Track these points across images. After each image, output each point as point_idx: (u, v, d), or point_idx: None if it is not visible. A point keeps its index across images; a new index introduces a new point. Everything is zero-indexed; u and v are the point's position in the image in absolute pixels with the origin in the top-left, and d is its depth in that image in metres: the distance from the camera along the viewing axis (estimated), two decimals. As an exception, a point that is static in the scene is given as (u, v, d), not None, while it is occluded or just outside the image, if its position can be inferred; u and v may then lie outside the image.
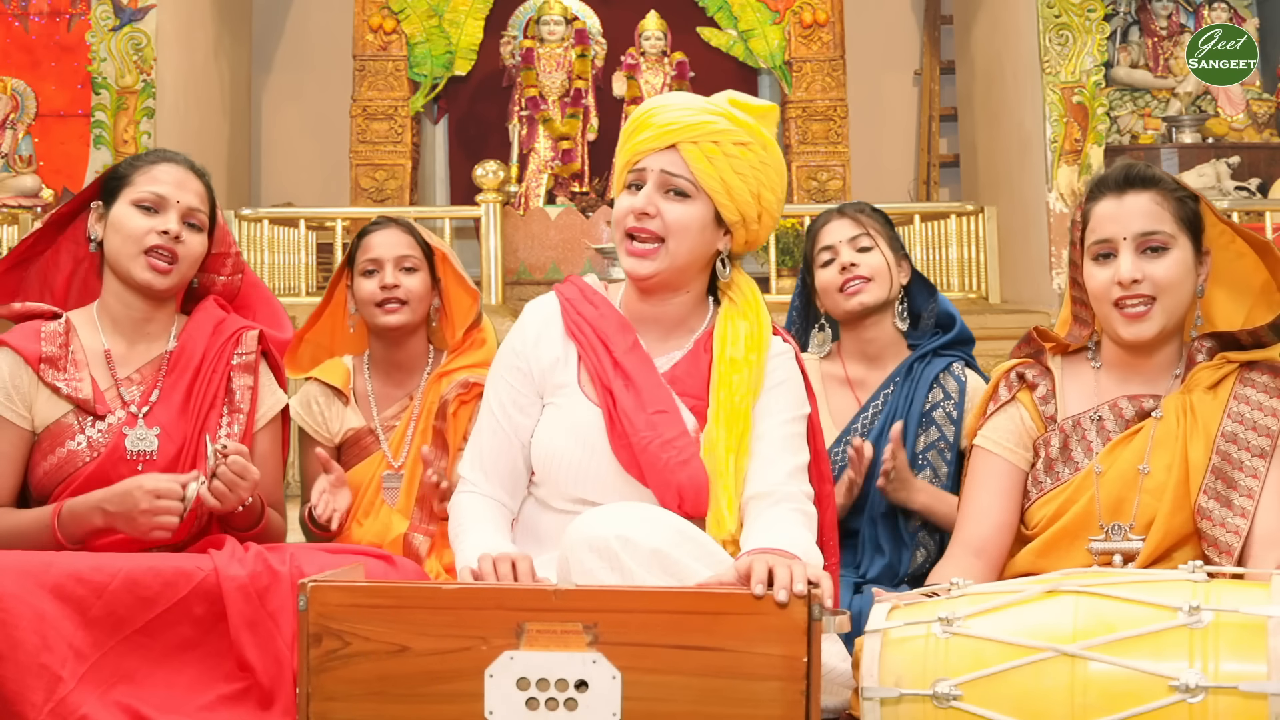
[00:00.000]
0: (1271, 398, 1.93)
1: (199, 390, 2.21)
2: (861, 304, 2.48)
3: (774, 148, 2.02)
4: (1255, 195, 6.60)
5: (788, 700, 1.56)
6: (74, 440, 2.13)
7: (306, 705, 1.62)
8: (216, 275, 2.32)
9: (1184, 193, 1.98)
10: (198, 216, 2.21)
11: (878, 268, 2.50)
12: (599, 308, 2.05)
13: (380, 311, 2.62)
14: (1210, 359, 1.98)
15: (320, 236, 6.75)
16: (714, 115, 1.97)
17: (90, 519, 2.04)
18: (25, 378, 2.14)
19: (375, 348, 2.72)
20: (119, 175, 2.22)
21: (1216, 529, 1.88)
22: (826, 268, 2.52)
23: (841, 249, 2.51)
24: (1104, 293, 1.96)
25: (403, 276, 2.63)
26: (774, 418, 1.99)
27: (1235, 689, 1.45)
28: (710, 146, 1.96)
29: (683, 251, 1.98)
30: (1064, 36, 6.31)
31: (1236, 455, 1.90)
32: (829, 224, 2.56)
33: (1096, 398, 2.03)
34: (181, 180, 2.21)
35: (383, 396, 2.69)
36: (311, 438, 2.67)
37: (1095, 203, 2.00)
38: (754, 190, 1.99)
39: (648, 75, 7.32)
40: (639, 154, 1.98)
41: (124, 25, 6.31)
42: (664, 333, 2.05)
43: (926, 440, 2.45)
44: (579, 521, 1.79)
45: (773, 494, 1.93)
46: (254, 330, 2.29)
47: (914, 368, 2.50)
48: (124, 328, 2.22)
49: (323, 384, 2.69)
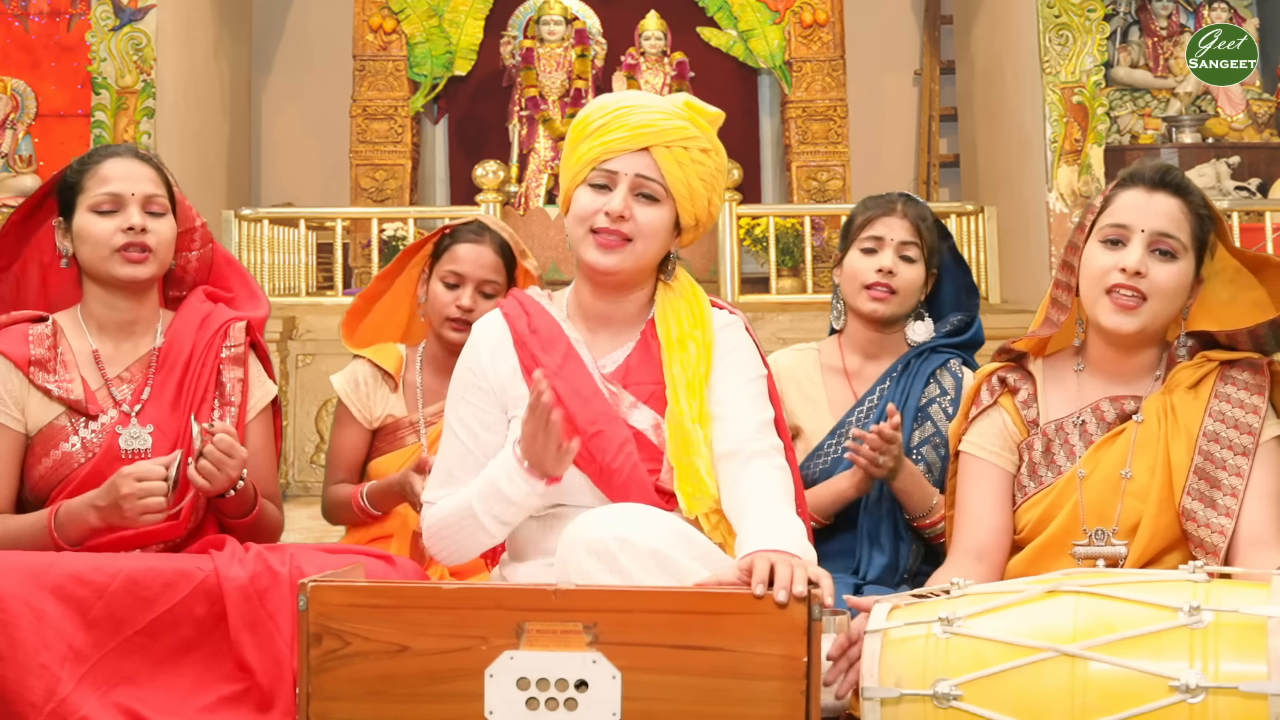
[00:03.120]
0: (1252, 395, 1.92)
1: (189, 385, 2.20)
2: (877, 313, 2.47)
3: (723, 154, 2.06)
4: (1255, 195, 6.59)
5: (788, 700, 1.56)
6: (68, 442, 2.13)
7: (306, 705, 1.62)
8: (188, 253, 2.31)
9: (1207, 212, 1.98)
10: (158, 202, 2.20)
11: (910, 283, 2.47)
12: (534, 319, 2.05)
13: (449, 326, 2.62)
14: (1190, 358, 1.98)
15: (320, 236, 6.75)
16: (683, 120, 1.98)
17: (85, 518, 2.04)
18: (16, 381, 2.14)
19: (433, 345, 2.72)
20: (70, 185, 2.20)
21: (1201, 530, 1.88)
22: (866, 255, 2.49)
23: (887, 248, 2.47)
24: (1101, 275, 1.95)
25: (481, 301, 2.62)
26: (732, 381, 2.00)
27: (1235, 689, 1.45)
28: (680, 151, 1.97)
29: (649, 252, 2.00)
30: (1064, 36, 6.31)
31: (1219, 454, 1.90)
32: (889, 216, 2.49)
33: (1078, 401, 2.03)
34: (131, 172, 2.19)
35: (430, 391, 2.69)
36: (351, 416, 2.67)
37: (1123, 190, 1.99)
38: (708, 196, 2.02)
39: (648, 75, 7.32)
40: (609, 153, 1.98)
41: (124, 25, 6.31)
42: (615, 330, 2.06)
43: (921, 435, 2.45)
44: (576, 523, 1.79)
45: (742, 450, 1.94)
46: (241, 322, 2.28)
47: (912, 363, 2.50)
48: (109, 329, 2.22)
49: (374, 365, 2.69)
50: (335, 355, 5.27)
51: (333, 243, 6.30)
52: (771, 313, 5.83)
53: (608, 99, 2.04)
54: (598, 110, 2.02)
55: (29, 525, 2.09)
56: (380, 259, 6.34)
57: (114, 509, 2.01)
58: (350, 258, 6.93)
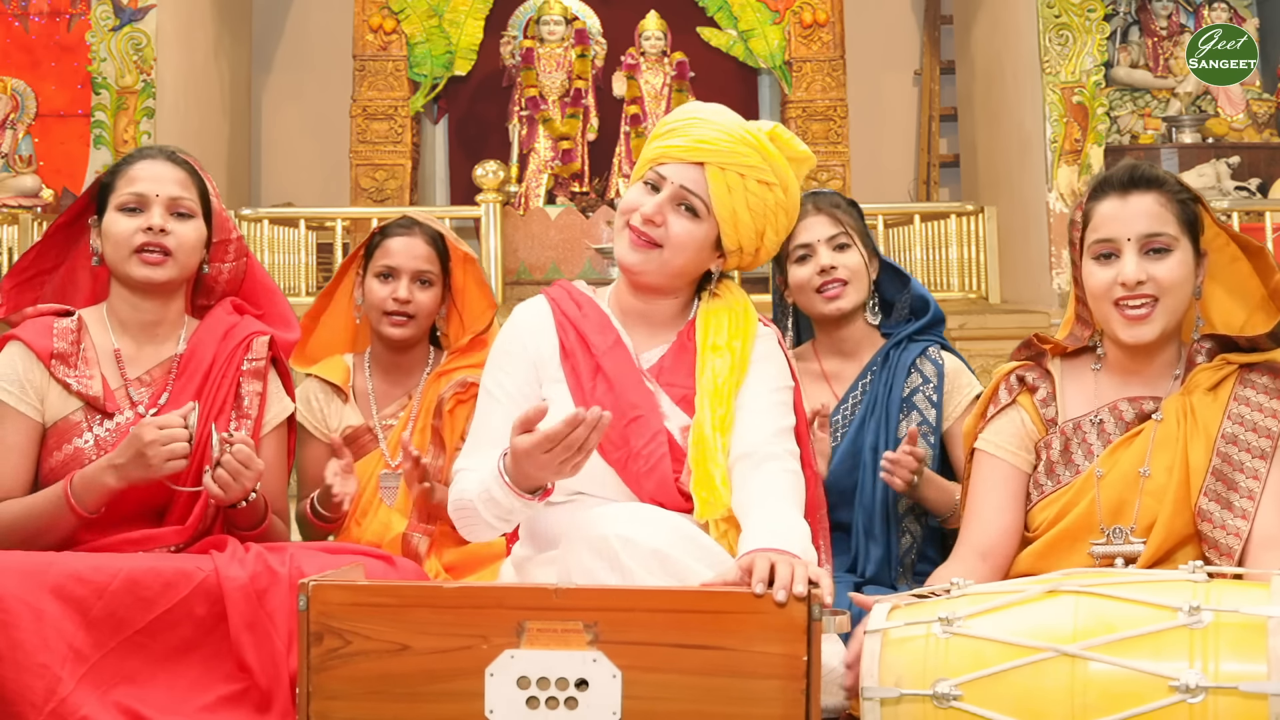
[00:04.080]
0: (1271, 399, 1.92)
1: (208, 394, 2.20)
2: (840, 309, 2.48)
3: (795, 193, 2.04)
4: (1255, 195, 6.59)
5: (788, 699, 1.56)
6: (81, 438, 2.13)
7: (307, 704, 1.62)
8: (221, 264, 2.31)
9: (1186, 194, 1.98)
10: (184, 204, 2.19)
11: (855, 269, 2.48)
12: (583, 308, 2.07)
13: (387, 321, 2.61)
14: (1210, 360, 1.98)
15: (320, 236, 6.74)
16: (750, 147, 1.98)
17: (103, 480, 2.03)
18: (37, 372, 2.15)
19: (376, 346, 2.71)
20: (105, 185, 2.22)
21: (1216, 531, 1.88)
22: (802, 264, 2.49)
23: (819, 248, 2.47)
24: (1105, 292, 1.95)
25: (416, 290, 2.61)
26: (758, 387, 2.01)
27: (1235, 689, 1.45)
28: (735, 176, 1.97)
29: (676, 263, 2.01)
30: (1064, 36, 6.31)
31: (1237, 457, 1.90)
32: (805, 219, 2.47)
33: (1096, 400, 2.02)
34: (159, 173, 2.20)
35: (382, 395, 2.69)
36: (310, 434, 2.67)
37: (1098, 202, 1.99)
38: (760, 228, 2.02)
39: (648, 75, 7.31)
40: (666, 157, 1.99)
41: (124, 25, 6.31)
42: (652, 329, 2.08)
43: (909, 425, 2.44)
44: (579, 522, 1.80)
45: (757, 453, 1.94)
46: (265, 336, 2.28)
47: (890, 355, 2.50)
48: (132, 329, 2.22)
49: (322, 381, 2.68)
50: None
51: (333, 243, 6.30)
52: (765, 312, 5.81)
53: (689, 107, 2.06)
54: (676, 114, 2.05)
55: (44, 499, 2.08)
56: (380, 259, 6.32)
57: (137, 460, 2.00)
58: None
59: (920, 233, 6.65)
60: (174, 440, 2.00)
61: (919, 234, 6.64)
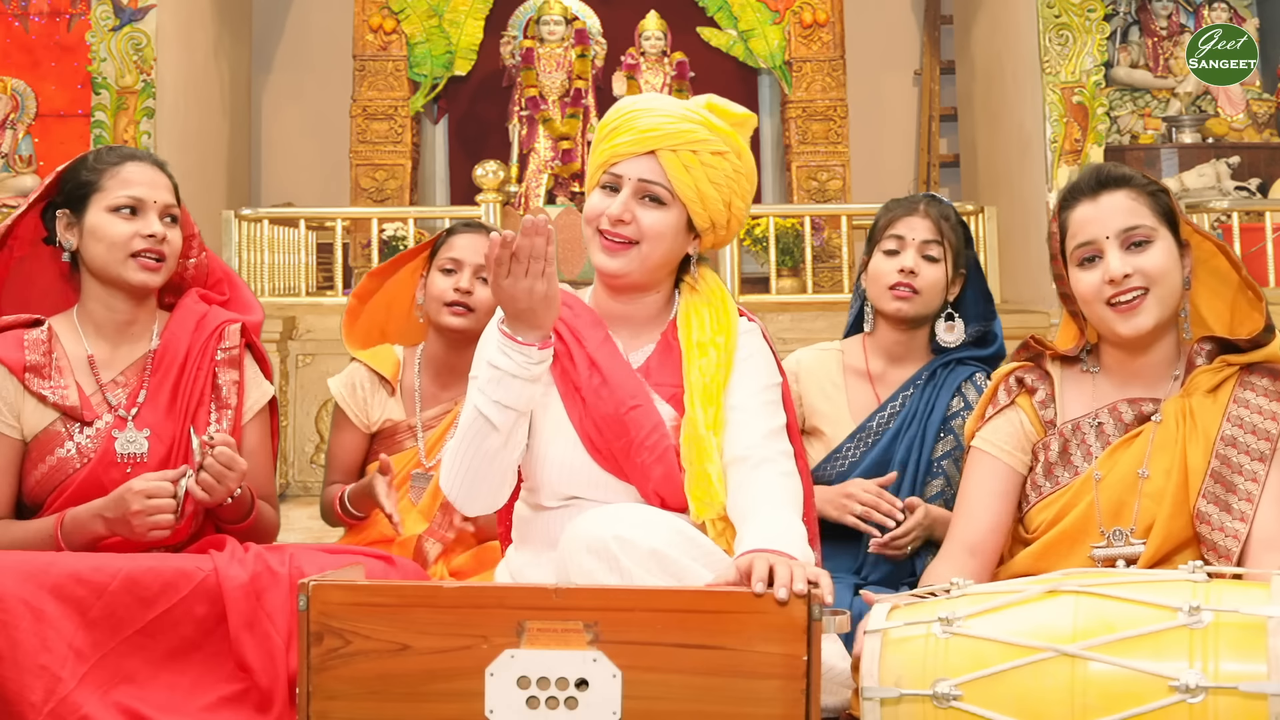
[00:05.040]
0: (1271, 401, 1.92)
1: (185, 388, 2.20)
2: (901, 312, 2.46)
3: (747, 155, 2.03)
4: (1255, 195, 6.59)
5: (788, 699, 1.56)
6: (63, 448, 2.13)
7: (307, 704, 1.62)
8: (187, 259, 2.31)
9: (1156, 187, 1.99)
10: (173, 211, 2.21)
11: (933, 283, 2.45)
12: (572, 307, 2.06)
13: (447, 311, 2.64)
14: (1210, 362, 1.98)
15: (320, 236, 6.74)
16: (694, 124, 1.97)
17: (92, 527, 2.05)
18: (11, 387, 2.14)
19: (433, 345, 2.73)
20: (85, 183, 2.19)
21: (1215, 533, 1.88)
22: (889, 257, 2.47)
23: (909, 248, 2.45)
24: (1095, 294, 1.96)
25: (478, 285, 2.65)
26: (746, 387, 2.00)
27: (1235, 689, 1.45)
28: (689, 155, 1.97)
29: (655, 255, 2.00)
30: (1064, 36, 6.31)
31: (1236, 459, 1.90)
32: (910, 216, 2.47)
33: (1095, 402, 2.02)
34: (153, 179, 2.20)
35: (429, 395, 2.70)
36: (348, 420, 2.68)
37: (1071, 209, 2.00)
38: (726, 199, 2.01)
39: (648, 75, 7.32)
40: (616, 157, 1.99)
41: (124, 25, 6.31)
42: (635, 330, 2.07)
43: (944, 448, 2.43)
44: (577, 523, 1.80)
45: (751, 456, 1.93)
46: (236, 324, 2.28)
47: (938, 373, 2.47)
48: (107, 331, 2.21)
49: (371, 370, 2.70)
50: (335, 355, 5.27)
51: (333, 243, 6.29)
52: (771, 313, 5.82)
53: (624, 103, 2.05)
54: (612, 114, 2.03)
55: (34, 532, 2.09)
56: (380, 259, 6.33)
57: (122, 523, 2.02)
58: (350, 258, 6.93)
59: (920, 233, 6.64)
60: (159, 511, 2.01)
61: (919, 234, 6.63)
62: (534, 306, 1.82)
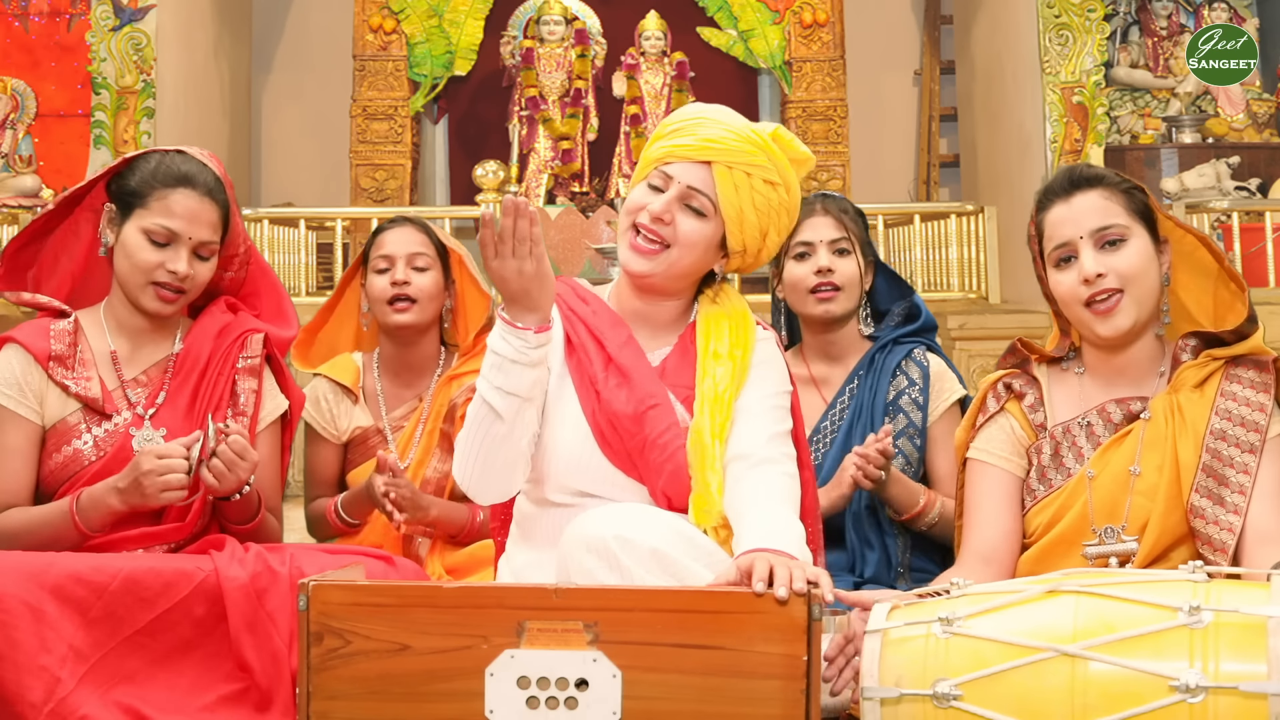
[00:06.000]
0: (1258, 393, 1.93)
1: (204, 393, 2.20)
2: (829, 313, 2.48)
3: (796, 193, 2.04)
4: (1255, 195, 6.60)
5: (788, 699, 1.56)
6: (80, 439, 2.14)
7: (307, 704, 1.62)
8: (225, 271, 2.31)
9: (1130, 185, 1.99)
10: (208, 248, 2.19)
11: (851, 277, 2.49)
12: (591, 304, 2.06)
13: (390, 309, 2.63)
14: (1195, 357, 1.98)
15: (320, 236, 6.75)
16: (755, 147, 1.97)
17: (107, 502, 2.05)
18: (36, 375, 2.15)
19: (386, 347, 2.72)
20: (134, 191, 2.17)
21: (1210, 527, 1.88)
22: (800, 261, 2.50)
23: (820, 249, 2.48)
24: (1072, 295, 1.96)
25: (414, 275, 2.64)
26: (755, 392, 2.00)
27: (1235, 689, 1.45)
28: (742, 175, 1.97)
29: (683, 263, 2.00)
30: (1064, 36, 6.31)
31: (1226, 452, 1.90)
32: (812, 218, 2.50)
33: (1083, 403, 2.03)
34: (196, 212, 2.16)
35: (392, 396, 2.69)
36: (319, 434, 2.67)
37: (1046, 212, 2.01)
38: (764, 227, 2.01)
39: (648, 75, 7.32)
40: (672, 157, 1.99)
41: (124, 25, 6.32)
42: (654, 330, 2.07)
43: (896, 428, 2.44)
44: (577, 522, 1.80)
45: (753, 455, 1.93)
46: (259, 334, 2.28)
47: (875, 359, 2.50)
48: (129, 331, 2.22)
49: (332, 381, 2.69)
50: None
51: (333, 243, 6.30)
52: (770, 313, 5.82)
53: (693, 108, 2.05)
54: (678, 115, 2.04)
55: (49, 513, 2.09)
56: (380, 259, 6.33)
57: (134, 487, 2.02)
58: (350, 258, 6.93)
59: (920, 233, 6.66)
60: (170, 471, 2.01)
61: (919, 234, 6.65)
62: (526, 287, 1.82)
